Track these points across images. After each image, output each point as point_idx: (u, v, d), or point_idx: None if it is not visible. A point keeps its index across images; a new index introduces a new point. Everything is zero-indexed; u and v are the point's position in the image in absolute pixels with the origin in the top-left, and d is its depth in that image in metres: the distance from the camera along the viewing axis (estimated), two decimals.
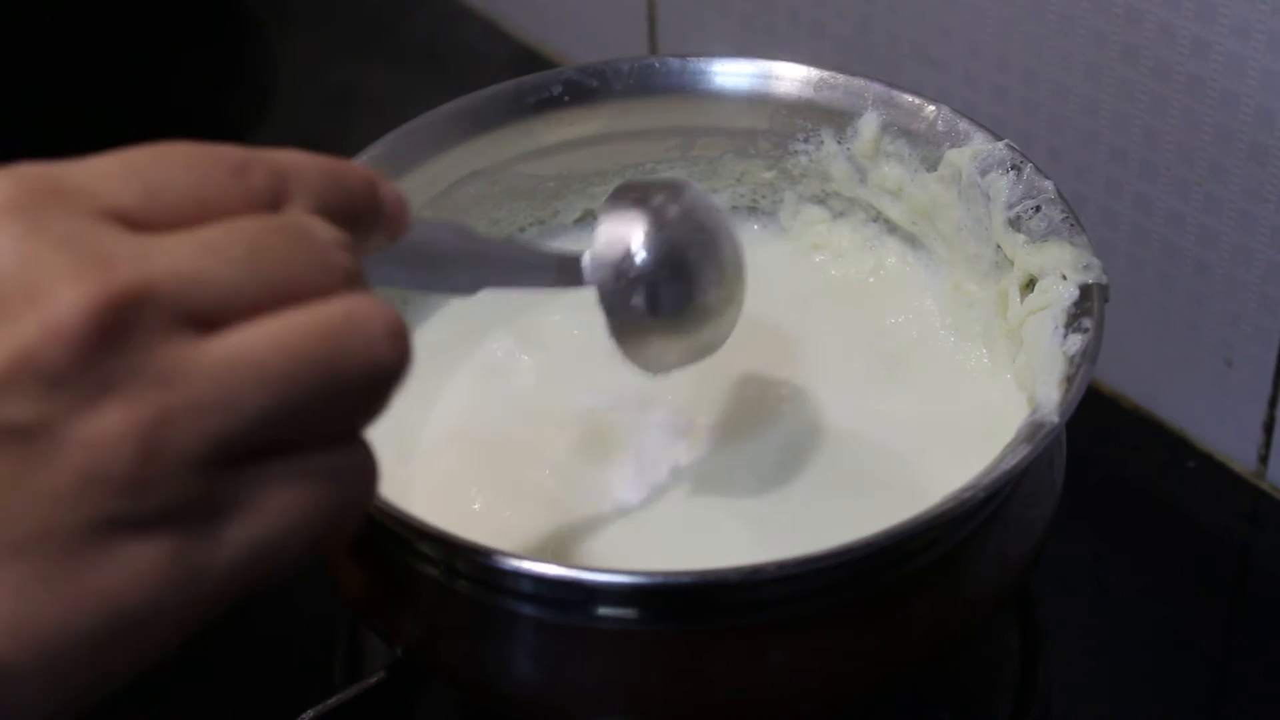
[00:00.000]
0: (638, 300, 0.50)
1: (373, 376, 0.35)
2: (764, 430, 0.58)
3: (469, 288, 0.47)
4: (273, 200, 0.36)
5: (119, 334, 0.32)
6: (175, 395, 0.33)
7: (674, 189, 0.52)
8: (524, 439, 0.58)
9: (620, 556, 0.53)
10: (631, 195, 0.52)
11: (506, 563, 0.47)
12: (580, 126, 0.63)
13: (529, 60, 0.95)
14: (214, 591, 0.35)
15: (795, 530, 0.54)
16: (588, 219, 0.66)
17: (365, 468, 0.37)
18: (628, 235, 0.50)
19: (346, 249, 0.36)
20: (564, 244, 0.65)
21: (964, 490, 0.48)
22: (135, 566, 0.33)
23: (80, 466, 0.32)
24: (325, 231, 0.36)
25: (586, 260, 0.50)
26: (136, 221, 0.34)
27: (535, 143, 0.63)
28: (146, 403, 0.33)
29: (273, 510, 0.35)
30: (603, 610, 0.48)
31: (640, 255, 0.50)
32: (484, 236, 0.47)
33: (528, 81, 0.63)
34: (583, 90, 0.63)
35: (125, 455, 0.32)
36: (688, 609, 0.49)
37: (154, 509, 0.33)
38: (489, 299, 0.50)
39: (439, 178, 0.62)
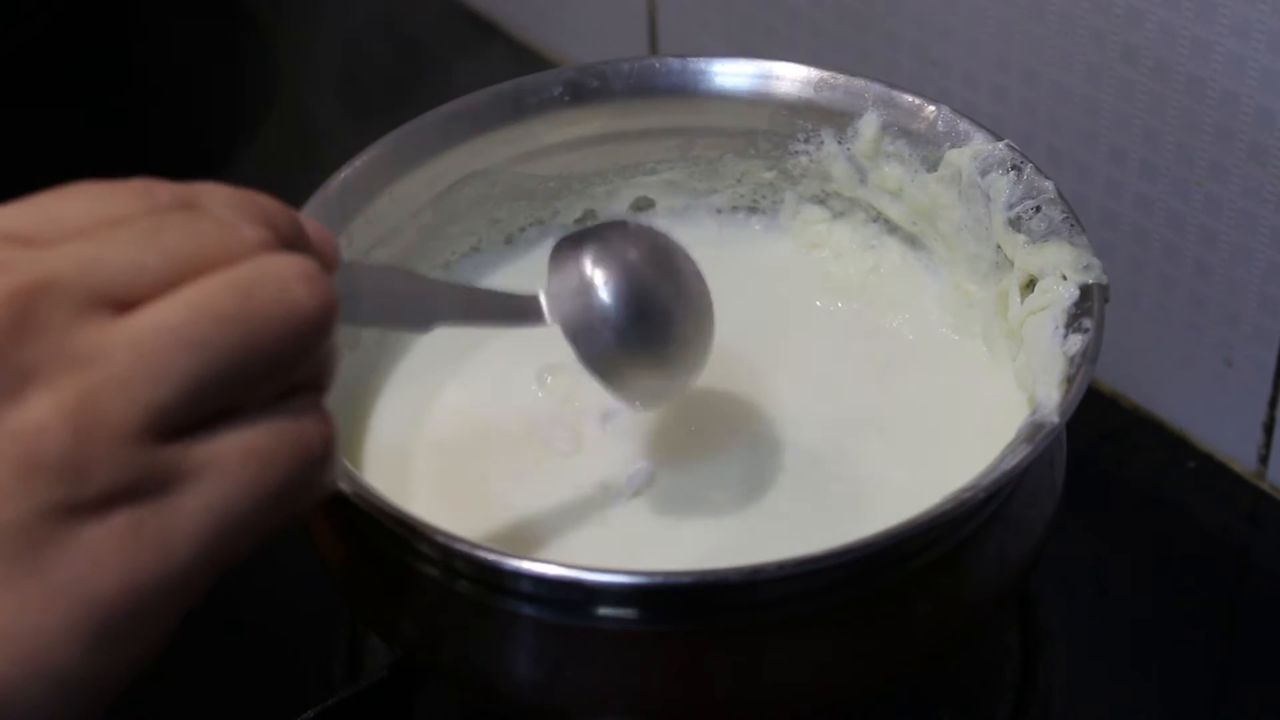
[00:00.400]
0: (606, 334, 0.50)
1: (293, 323, 0.36)
2: (763, 430, 0.58)
3: (424, 326, 0.47)
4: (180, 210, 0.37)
5: (28, 325, 0.33)
6: (97, 372, 0.33)
7: (616, 225, 0.53)
8: (526, 439, 0.58)
9: (620, 557, 0.53)
10: (575, 238, 0.52)
11: (506, 563, 0.47)
12: (580, 127, 0.63)
13: (529, 60, 0.95)
14: (184, 566, 0.34)
15: (794, 530, 0.54)
16: (588, 219, 0.66)
17: (315, 423, 0.37)
18: (581, 272, 0.51)
19: (250, 224, 0.37)
20: None
21: (964, 490, 0.48)
22: (96, 550, 0.33)
23: (16, 459, 0.32)
24: (230, 213, 0.37)
25: (544, 301, 0.50)
26: (35, 241, 0.35)
27: (535, 143, 0.63)
28: (70, 384, 0.33)
29: (225, 475, 0.35)
30: (603, 610, 0.48)
31: (598, 289, 0.50)
32: (434, 282, 0.47)
33: (528, 82, 0.63)
34: (583, 90, 0.63)
35: (59, 438, 0.33)
36: (688, 609, 0.49)
37: (101, 489, 0.33)
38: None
39: (439, 178, 0.62)
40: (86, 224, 0.36)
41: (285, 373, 0.36)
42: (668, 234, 0.54)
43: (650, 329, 0.51)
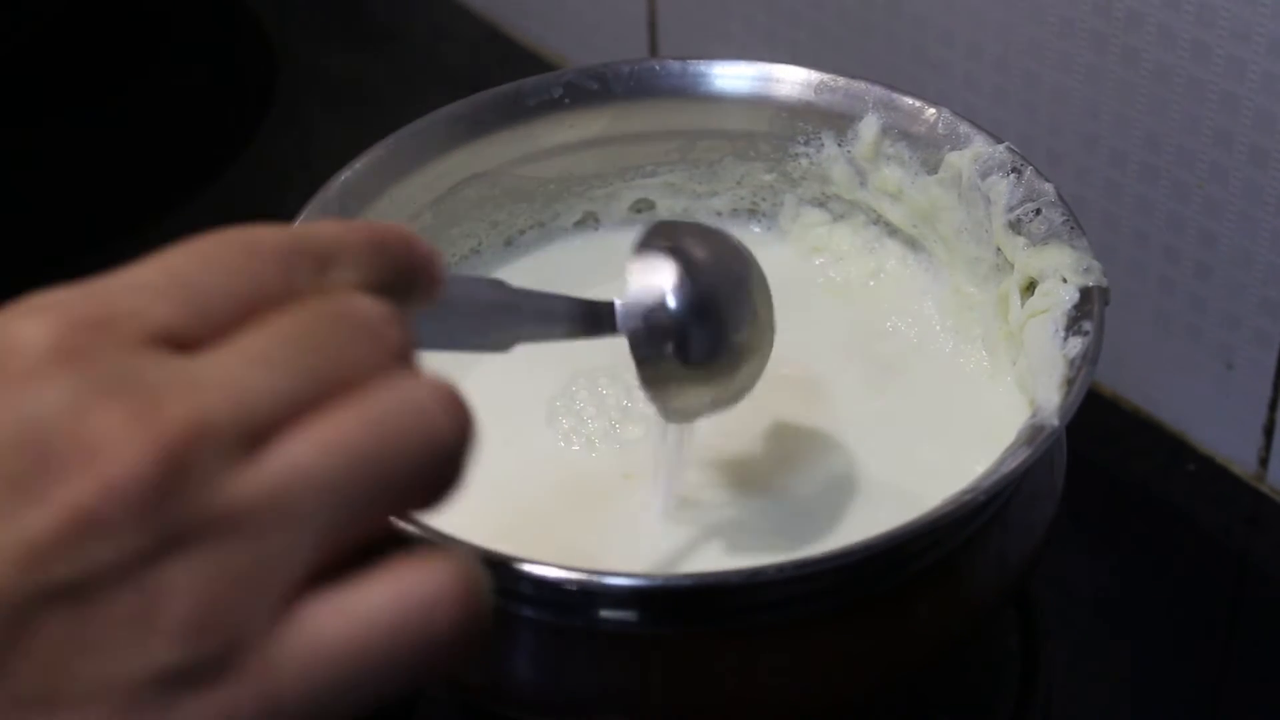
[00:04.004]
0: (669, 348, 0.49)
1: (435, 452, 0.34)
2: (762, 433, 0.58)
3: (504, 345, 0.46)
4: (318, 284, 0.35)
5: (177, 483, 0.31)
6: (234, 538, 0.32)
7: (703, 234, 0.52)
8: (534, 442, 0.58)
9: (618, 559, 0.53)
10: (661, 241, 0.51)
11: (507, 565, 0.47)
12: (580, 129, 0.63)
13: (529, 62, 0.95)
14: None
15: (794, 533, 0.54)
16: (588, 221, 0.66)
17: (472, 582, 0.34)
18: (659, 282, 0.50)
19: (394, 323, 0.35)
20: (563, 247, 0.65)
21: (964, 493, 0.48)
22: (206, 716, 0.32)
23: (140, 619, 0.31)
24: (372, 308, 0.35)
25: (619, 308, 0.49)
26: (184, 339, 0.33)
27: (535, 145, 0.63)
28: (208, 551, 0.32)
29: (368, 642, 0.33)
30: (604, 613, 0.48)
31: (672, 302, 0.49)
32: (517, 288, 0.46)
33: (528, 84, 0.63)
34: (583, 93, 0.63)
35: (185, 602, 0.31)
36: (688, 612, 0.49)
37: (216, 657, 0.32)
38: None
39: (439, 180, 0.62)
40: (233, 311, 0.34)
41: (434, 499, 0.35)
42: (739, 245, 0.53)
43: (711, 354, 0.50)
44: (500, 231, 0.65)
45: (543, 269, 0.64)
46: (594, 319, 0.49)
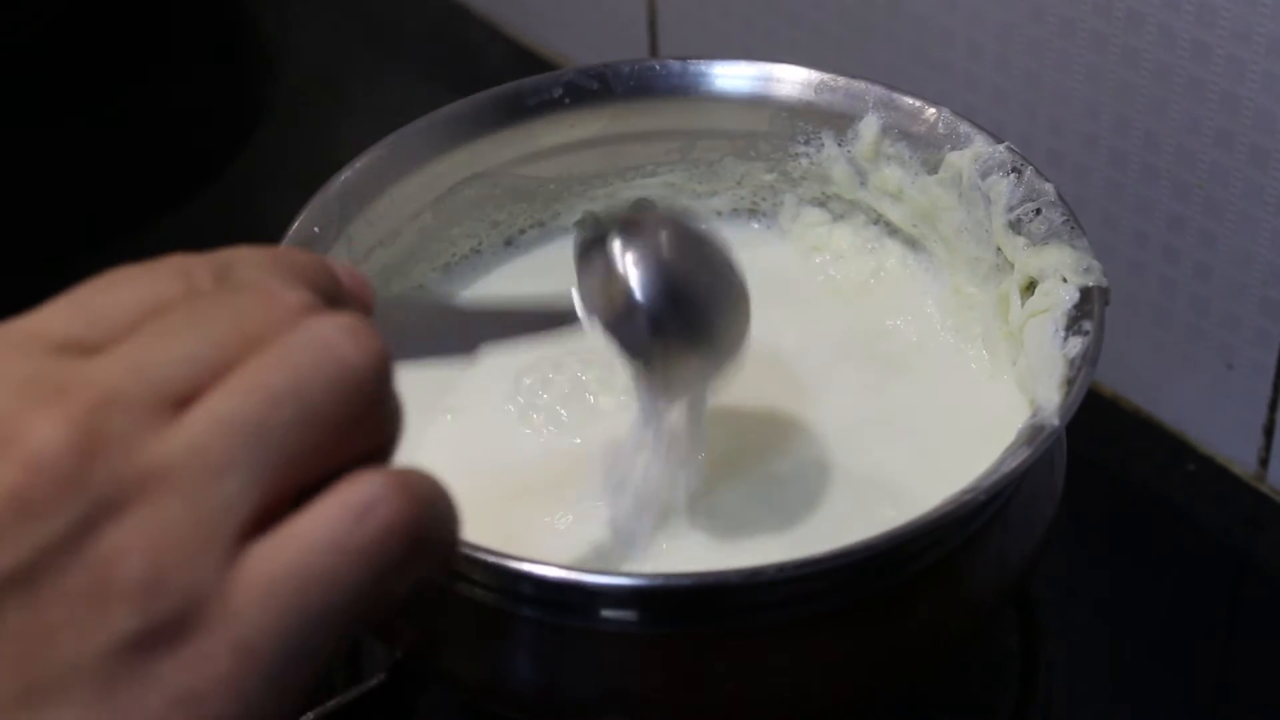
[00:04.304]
0: (639, 321, 0.49)
1: (347, 383, 0.34)
2: (762, 433, 0.58)
3: (467, 350, 0.46)
4: (217, 287, 0.36)
5: (95, 448, 0.32)
6: (164, 487, 0.32)
7: (640, 207, 0.52)
8: (526, 441, 0.58)
9: (617, 560, 0.53)
10: (600, 225, 0.51)
11: (507, 565, 0.47)
12: (580, 129, 0.63)
13: (529, 62, 0.95)
14: (269, 677, 0.33)
15: (794, 533, 0.54)
16: (588, 221, 0.66)
17: (407, 486, 0.34)
18: (610, 264, 0.50)
19: (289, 287, 0.36)
20: (563, 247, 0.65)
21: (965, 493, 0.48)
22: (174, 685, 0.32)
23: (90, 591, 0.31)
24: (262, 279, 0.36)
25: (576, 299, 0.49)
26: (88, 346, 0.34)
27: (535, 145, 0.63)
28: (141, 506, 0.32)
29: (309, 571, 0.33)
30: (604, 613, 0.48)
31: (627, 279, 0.49)
32: (467, 303, 0.46)
33: (528, 84, 0.63)
34: (583, 92, 0.63)
35: (133, 565, 0.32)
36: (688, 611, 0.49)
37: (177, 612, 0.32)
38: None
39: (439, 180, 0.62)
40: (133, 318, 0.34)
41: (349, 438, 0.35)
42: (686, 213, 0.53)
43: (686, 312, 0.50)
44: (500, 231, 0.65)
45: (543, 269, 0.64)
46: (554, 315, 0.49)
